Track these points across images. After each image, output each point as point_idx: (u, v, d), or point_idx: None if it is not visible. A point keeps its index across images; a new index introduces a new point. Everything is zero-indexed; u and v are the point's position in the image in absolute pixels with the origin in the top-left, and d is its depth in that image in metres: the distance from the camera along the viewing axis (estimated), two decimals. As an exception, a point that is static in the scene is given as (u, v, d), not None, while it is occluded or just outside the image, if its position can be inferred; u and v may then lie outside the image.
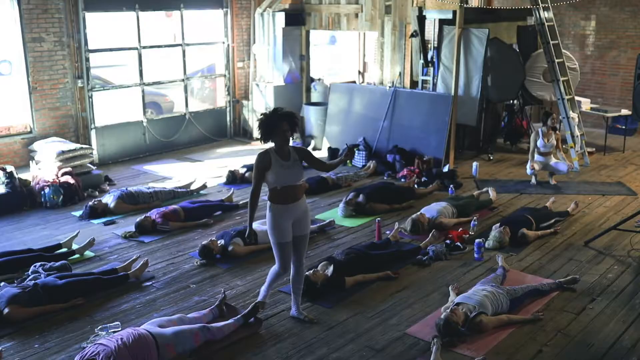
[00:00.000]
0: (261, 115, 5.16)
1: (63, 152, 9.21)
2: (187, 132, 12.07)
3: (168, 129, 11.79)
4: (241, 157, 11.13)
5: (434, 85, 10.78)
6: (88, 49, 10.35)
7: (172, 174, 10.22)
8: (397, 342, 5.08)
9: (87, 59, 10.36)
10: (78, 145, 9.57)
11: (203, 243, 6.70)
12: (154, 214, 7.68)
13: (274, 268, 5.36)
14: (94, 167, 9.73)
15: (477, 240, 6.77)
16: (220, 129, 12.77)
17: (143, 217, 7.61)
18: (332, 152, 11.01)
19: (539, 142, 9.27)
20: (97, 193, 9.08)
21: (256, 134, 12.54)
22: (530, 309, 5.55)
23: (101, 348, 4.48)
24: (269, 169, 5.00)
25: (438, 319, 5.13)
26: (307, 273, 5.87)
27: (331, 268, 6.04)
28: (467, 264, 6.61)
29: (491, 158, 10.95)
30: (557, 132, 9.46)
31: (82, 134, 10.51)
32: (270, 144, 5.10)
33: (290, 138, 5.14)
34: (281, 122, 4.97)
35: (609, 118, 11.67)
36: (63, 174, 8.88)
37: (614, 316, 5.46)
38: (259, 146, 11.86)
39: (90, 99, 10.53)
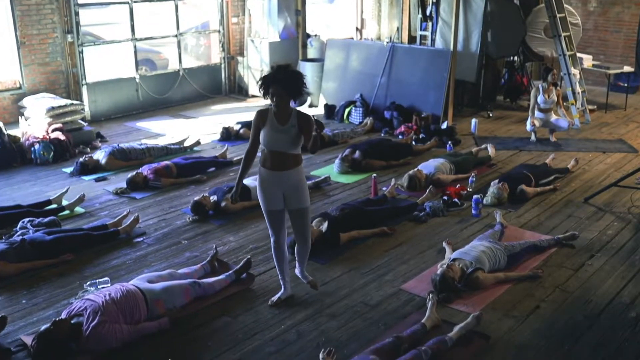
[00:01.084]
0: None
1: (53, 108, 9.00)
2: (181, 89, 11.84)
3: (161, 86, 11.55)
4: (236, 114, 10.91)
5: (433, 40, 10.53)
6: (77, 3, 10.05)
7: (166, 130, 10.03)
8: (392, 297, 4.98)
9: (77, 14, 10.07)
10: (68, 101, 9.36)
11: (195, 199, 6.57)
12: (145, 170, 7.53)
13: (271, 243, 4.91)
14: (85, 124, 9.54)
15: (475, 197, 6.64)
16: (215, 85, 12.53)
17: (134, 173, 7.45)
18: (329, 109, 10.81)
19: (540, 99, 9.07)
20: (88, 150, 8.91)
21: (252, 90, 12.32)
22: (528, 266, 5.44)
23: (88, 304, 4.38)
24: (262, 128, 4.58)
25: (434, 274, 5.02)
26: (300, 229, 5.74)
27: (326, 224, 5.91)
28: (465, 220, 6.49)
29: (490, 115, 10.76)
30: (558, 88, 9.25)
31: (73, 90, 10.29)
32: None
33: (290, 103, 4.54)
34: (272, 86, 4.43)
35: (611, 75, 11.45)
36: (53, 130, 8.69)
37: (613, 272, 5.36)
38: (255, 103, 11.70)
39: (81, 55, 10.27)
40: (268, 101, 4.52)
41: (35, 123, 8.90)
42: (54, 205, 6.75)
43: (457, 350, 4.23)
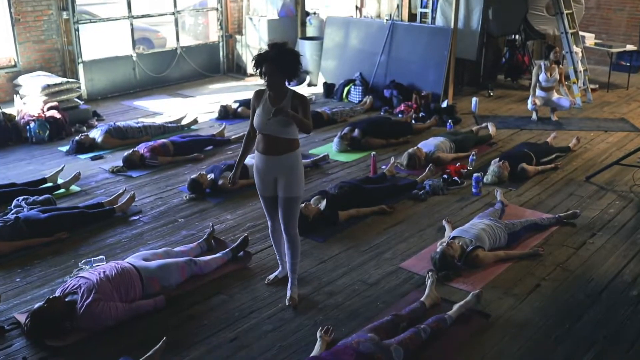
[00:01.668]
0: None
1: (49, 86, 8.88)
2: (178, 68, 11.70)
3: (159, 64, 11.41)
4: (234, 93, 10.80)
5: (433, 18, 10.38)
6: (72, -21, 9.92)
7: (163, 109, 9.92)
8: (391, 275, 4.91)
9: (72, -10, 9.94)
10: (64, 79, 9.24)
11: (192, 177, 6.48)
12: (142, 148, 7.44)
13: None
14: (82, 102, 9.43)
15: (475, 175, 6.55)
16: (213, 64, 12.39)
17: (131, 151, 7.37)
18: (328, 87, 10.69)
19: (541, 77, 8.95)
20: (84, 128, 8.79)
21: (250, 69, 12.18)
22: (529, 244, 5.37)
23: (83, 281, 4.31)
24: (256, 109, 4.34)
25: (434, 252, 4.96)
26: (299, 207, 5.66)
27: (324, 202, 5.83)
28: (465, 198, 6.41)
29: (491, 94, 10.65)
30: (561, 66, 9.12)
31: (69, 69, 10.16)
32: None
33: (286, 83, 4.27)
34: (265, 64, 4.15)
35: (614, 54, 11.31)
36: (49, 109, 8.59)
37: (615, 251, 5.29)
38: (254, 82, 11.57)
39: (77, 32, 10.12)
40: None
41: (31, 101, 8.79)
42: (49, 184, 6.66)
43: (457, 328, 4.17)
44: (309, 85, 11.35)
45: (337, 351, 3.63)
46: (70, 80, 9.32)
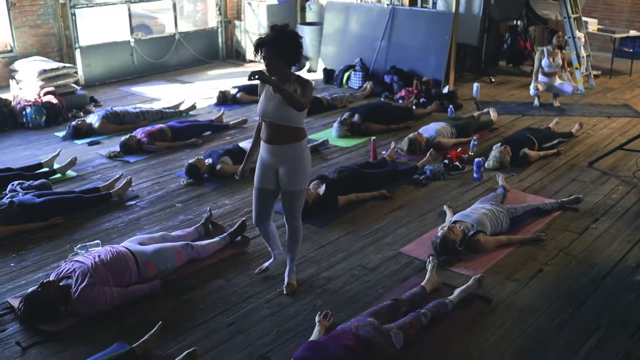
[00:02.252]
0: None
1: (45, 71, 8.78)
2: (177, 54, 11.58)
3: (157, 50, 11.30)
4: (233, 79, 10.66)
5: (434, 2, 10.24)
6: (69, -37, 9.80)
7: (161, 95, 9.81)
8: (391, 260, 4.84)
9: (69, -26, 9.81)
10: (61, 64, 9.13)
11: (190, 162, 6.39)
12: (139, 133, 7.34)
13: None
14: (79, 87, 9.33)
15: (476, 160, 6.46)
16: (212, 50, 12.27)
17: (128, 136, 7.28)
18: (327, 73, 10.58)
19: (544, 62, 8.84)
20: (81, 114, 8.69)
21: (249, 55, 12.07)
22: (531, 229, 5.29)
23: (77, 265, 4.24)
24: (260, 95, 4.16)
25: (434, 237, 4.88)
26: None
27: (323, 187, 5.75)
28: (466, 183, 6.33)
29: (493, 80, 10.54)
30: (564, 51, 9.00)
31: (66, 54, 10.05)
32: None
33: (288, 68, 4.07)
34: (264, 47, 3.97)
35: (616, 40, 11.19)
36: (45, 94, 8.49)
37: (618, 236, 5.21)
38: (253, 68, 11.39)
39: (74, 17, 10.01)
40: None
41: (27, 86, 8.69)
42: (45, 169, 6.57)
43: (458, 313, 4.10)
44: (309, 71, 11.23)
45: (336, 335, 3.55)
46: (67, 65, 9.21)
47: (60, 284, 4.16)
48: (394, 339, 3.62)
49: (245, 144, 6.54)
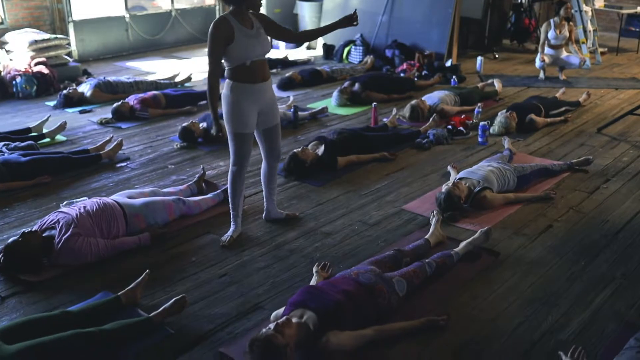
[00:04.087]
0: None
1: (36, 42, 8.52)
2: (173, 31, 11.33)
3: (153, 27, 11.04)
4: (230, 55, 10.40)
5: (437, -25, 9.98)
6: None
7: (157, 69, 9.56)
8: (393, 217, 4.60)
9: (62, -55, 9.56)
10: (52, 35, 8.88)
11: (183, 125, 6.16)
12: (132, 99, 7.10)
13: (229, 174, 4.21)
14: (71, 59, 9.08)
15: (481, 123, 6.22)
16: (209, 28, 11.96)
17: (120, 102, 7.04)
18: (327, 48, 10.33)
19: (550, 34, 8.60)
20: (74, 85, 8.43)
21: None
22: (539, 188, 5.04)
23: (61, 216, 4.01)
24: (232, 40, 3.86)
25: (439, 192, 4.63)
26: (295, 150, 5.35)
27: (322, 147, 5.51)
28: (470, 147, 6.09)
29: (497, 57, 10.30)
30: (571, 23, 8.75)
31: (58, 27, 9.79)
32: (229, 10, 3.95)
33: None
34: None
35: (624, 16, 10.94)
36: (36, 64, 8.25)
37: (630, 195, 4.97)
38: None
39: (67, -11, 9.78)
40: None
41: (18, 57, 8.45)
42: (34, 134, 6.33)
43: (464, 265, 3.86)
44: (308, 48, 10.99)
45: (335, 281, 3.31)
46: (59, 36, 8.95)
47: (44, 234, 3.93)
48: (396, 286, 3.38)
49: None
